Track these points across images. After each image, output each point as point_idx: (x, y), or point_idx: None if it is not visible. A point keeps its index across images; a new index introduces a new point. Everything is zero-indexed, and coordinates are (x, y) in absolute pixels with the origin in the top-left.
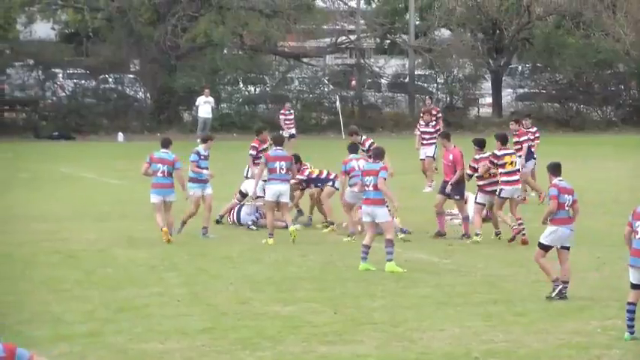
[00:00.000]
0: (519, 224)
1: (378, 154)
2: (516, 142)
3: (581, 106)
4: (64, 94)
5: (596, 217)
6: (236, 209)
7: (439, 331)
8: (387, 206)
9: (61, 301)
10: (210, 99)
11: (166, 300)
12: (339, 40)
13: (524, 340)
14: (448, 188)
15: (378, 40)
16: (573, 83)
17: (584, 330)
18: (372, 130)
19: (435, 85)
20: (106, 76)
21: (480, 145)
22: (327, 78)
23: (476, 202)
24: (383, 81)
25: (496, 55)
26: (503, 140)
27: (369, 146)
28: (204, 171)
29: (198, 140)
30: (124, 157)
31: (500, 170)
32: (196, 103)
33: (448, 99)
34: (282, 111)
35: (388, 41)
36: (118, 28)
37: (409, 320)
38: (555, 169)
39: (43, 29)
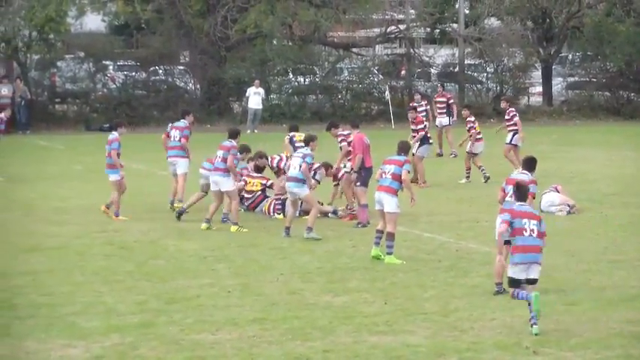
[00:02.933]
0: None
1: (404, 148)
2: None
3: (632, 94)
4: (114, 86)
5: None
6: (279, 201)
7: (490, 320)
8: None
9: (113, 293)
10: (260, 90)
11: (217, 291)
12: (389, 29)
13: (576, 329)
14: (354, 176)
15: (427, 29)
16: (624, 71)
17: (637, 319)
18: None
19: (485, 74)
20: (156, 67)
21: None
22: (376, 68)
23: None
24: (433, 70)
25: (546, 44)
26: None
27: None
28: None
29: (248, 131)
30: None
31: None
32: (246, 95)
33: (498, 88)
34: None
35: (438, 30)
36: (167, 20)
37: (460, 310)
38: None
39: (94, 21)
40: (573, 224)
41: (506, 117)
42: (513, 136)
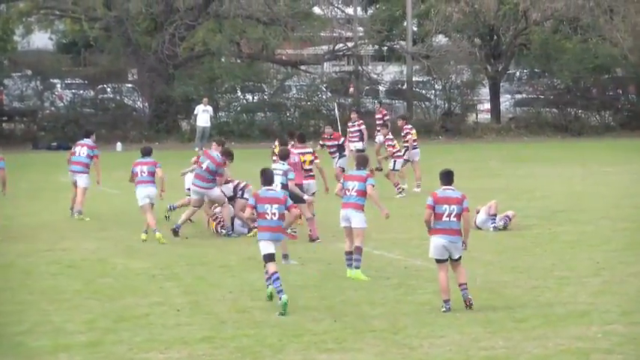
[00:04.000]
0: None
1: (363, 162)
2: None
3: (580, 111)
4: (62, 104)
5: (596, 222)
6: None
7: (439, 337)
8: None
9: (61, 311)
10: (209, 108)
11: (166, 309)
12: (337, 47)
13: (525, 346)
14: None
15: (375, 46)
16: (571, 88)
17: (585, 335)
18: (369, 136)
19: (433, 91)
20: (104, 85)
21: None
22: (325, 85)
23: None
24: (381, 87)
25: (494, 61)
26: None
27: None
28: None
29: (196, 149)
30: (123, 167)
31: None
32: (194, 112)
33: (446, 105)
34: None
35: (386, 48)
36: (115, 38)
37: (409, 327)
38: (443, 177)
39: (41, 39)
40: (521, 241)
41: (402, 134)
42: (405, 152)
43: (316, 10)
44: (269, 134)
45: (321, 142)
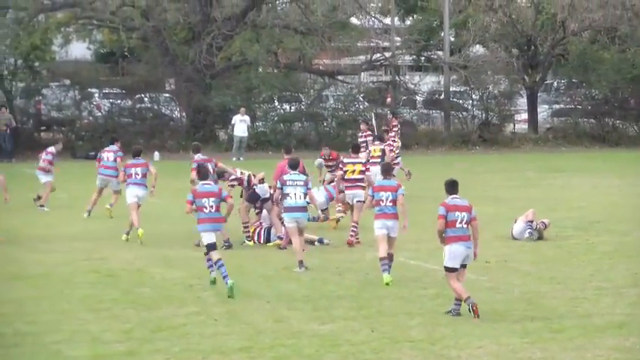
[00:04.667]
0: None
1: (389, 170)
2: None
3: (617, 121)
4: (100, 113)
5: (634, 233)
6: (264, 229)
7: (477, 348)
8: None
9: (99, 321)
10: (246, 117)
11: (203, 319)
12: (374, 57)
13: (562, 357)
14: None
15: (413, 57)
16: (609, 98)
17: (623, 346)
18: (407, 147)
19: (471, 101)
20: (142, 95)
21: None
22: (362, 95)
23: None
24: (418, 98)
25: (531, 71)
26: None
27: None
28: None
29: (234, 159)
30: (160, 176)
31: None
32: (232, 122)
33: (484, 115)
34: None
35: (423, 58)
36: (153, 48)
37: (446, 338)
38: (448, 187)
39: (79, 49)
40: (559, 251)
41: (391, 134)
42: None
43: (354, 20)
44: (306, 144)
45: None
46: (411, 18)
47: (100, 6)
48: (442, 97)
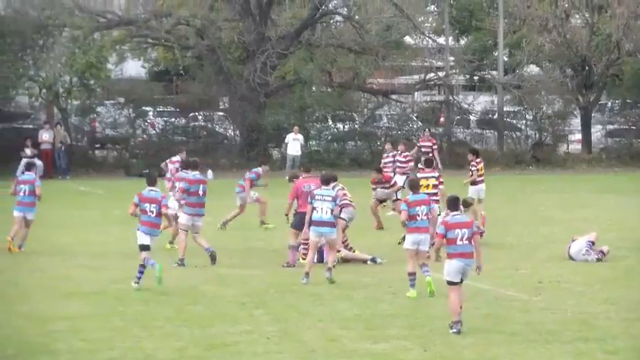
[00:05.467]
0: None
1: (415, 185)
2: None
3: None
4: (154, 131)
5: None
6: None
7: None
8: None
9: (152, 338)
10: (299, 136)
11: (256, 337)
12: (428, 76)
13: None
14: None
15: (466, 76)
16: None
17: None
18: (461, 166)
19: (524, 121)
20: (196, 113)
21: None
22: (415, 115)
23: None
24: (472, 117)
25: (585, 91)
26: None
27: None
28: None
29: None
30: (214, 194)
31: None
32: (285, 141)
33: (537, 135)
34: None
35: (477, 78)
36: (207, 66)
37: (499, 358)
38: (450, 204)
39: (134, 67)
40: (612, 272)
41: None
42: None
43: (408, 39)
44: (360, 163)
45: (373, 187)
46: (465, 38)
47: (155, 24)
48: (496, 116)
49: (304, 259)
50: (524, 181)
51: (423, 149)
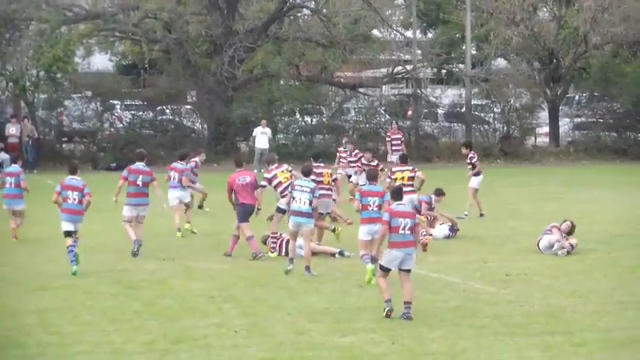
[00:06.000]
0: None
1: (374, 177)
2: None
3: (639, 135)
4: (121, 125)
5: None
6: (286, 240)
7: None
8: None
9: (121, 332)
10: (267, 130)
11: (225, 331)
12: (396, 70)
13: None
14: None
15: (434, 69)
16: (630, 112)
17: None
18: (428, 160)
19: (492, 114)
20: (164, 107)
21: None
22: (383, 108)
23: None
24: (439, 111)
25: (553, 85)
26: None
27: None
28: None
29: (255, 171)
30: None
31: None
32: (253, 134)
33: (505, 128)
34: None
35: (445, 71)
36: (175, 60)
37: (467, 351)
38: (394, 194)
39: (101, 61)
40: (581, 265)
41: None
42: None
43: (376, 32)
44: (328, 156)
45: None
46: (432, 31)
47: (122, 18)
48: (464, 110)
49: (272, 252)
50: (492, 175)
51: (394, 142)
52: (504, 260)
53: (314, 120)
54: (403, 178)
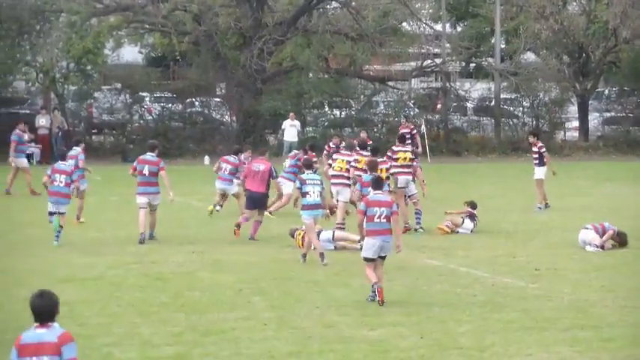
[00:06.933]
0: None
1: (373, 167)
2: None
3: None
4: (150, 117)
5: None
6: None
7: (526, 356)
8: None
9: (148, 324)
10: (296, 122)
11: (253, 323)
12: (425, 63)
13: None
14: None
15: (463, 63)
16: None
17: None
18: (457, 153)
19: (521, 108)
20: (193, 99)
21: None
22: (412, 101)
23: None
24: (468, 104)
25: (582, 79)
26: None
27: None
28: None
29: (284, 164)
30: (211, 181)
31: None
32: (282, 127)
33: (534, 123)
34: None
35: (474, 65)
36: (204, 52)
37: (495, 345)
38: (374, 184)
39: (131, 53)
40: (610, 260)
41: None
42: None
43: (405, 26)
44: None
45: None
46: (462, 24)
47: (152, 10)
48: (492, 104)
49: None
50: (520, 169)
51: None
52: (533, 255)
53: (343, 113)
54: (405, 158)
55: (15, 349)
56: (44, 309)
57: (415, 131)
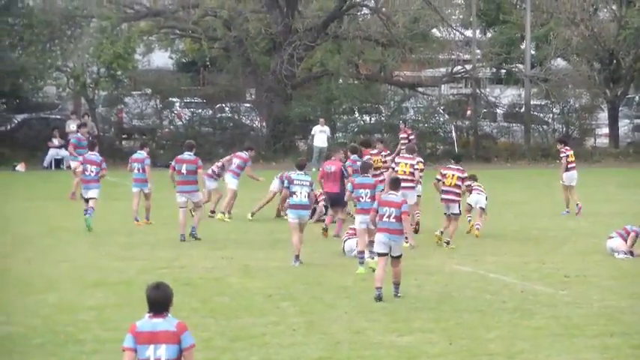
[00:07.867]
0: None
1: (366, 169)
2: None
3: None
4: (180, 122)
5: None
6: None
7: None
8: None
9: None
10: (326, 128)
11: (282, 329)
12: (455, 69)
13: None
14: None
15: (493, 69)
16: None
17: None
18: (487, 160)
19: (551, 115)
20: (223, 105)
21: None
22: (442, 107)
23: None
24: (498, 111)
25: (613, 85)
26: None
27: None
28: None
29: (313, 169)
30: (241, 186)
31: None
32: (312, 133)
33: (564, 129)
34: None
35: (504, 71)
36: (234, 58)
37: (525, 352)
38: (391, 184)
39: (161, 59)
40: (639, 267)
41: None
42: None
43: (435, 32)
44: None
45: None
46: (492, 31)
47: (182, 16)
48: (522, 110)
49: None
50: (550, 175)
51: (401, 141)
52: (563, 261)
53: (372, 119)
54: (405, 172)
55: (131, 335)
56: (160, 300)
57: (413, 136)
